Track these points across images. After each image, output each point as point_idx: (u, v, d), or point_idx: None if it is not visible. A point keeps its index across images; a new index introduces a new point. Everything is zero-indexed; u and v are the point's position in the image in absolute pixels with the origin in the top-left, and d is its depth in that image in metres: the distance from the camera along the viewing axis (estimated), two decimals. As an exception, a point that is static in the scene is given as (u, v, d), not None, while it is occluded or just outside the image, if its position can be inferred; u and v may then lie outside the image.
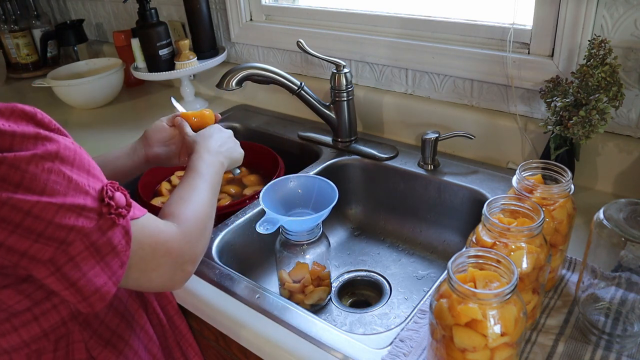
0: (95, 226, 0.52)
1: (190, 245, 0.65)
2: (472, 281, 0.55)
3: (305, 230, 0.84)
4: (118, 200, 0.55)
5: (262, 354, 0.72)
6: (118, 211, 0.54)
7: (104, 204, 0.53)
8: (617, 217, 0.59)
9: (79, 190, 0.51)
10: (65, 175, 0.51)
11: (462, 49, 1.03)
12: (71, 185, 0.51)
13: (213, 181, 0.77)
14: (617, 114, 0.90)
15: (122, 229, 0.55)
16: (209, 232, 0.72)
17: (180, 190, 0.73)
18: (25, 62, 1.90)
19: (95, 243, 0.53)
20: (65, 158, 0.51)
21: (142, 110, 1.55)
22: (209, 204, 0.73)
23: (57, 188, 0.50)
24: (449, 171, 1.04)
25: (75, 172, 0.52)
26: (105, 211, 0.53)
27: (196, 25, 1.40)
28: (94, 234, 0.52)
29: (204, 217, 0.70)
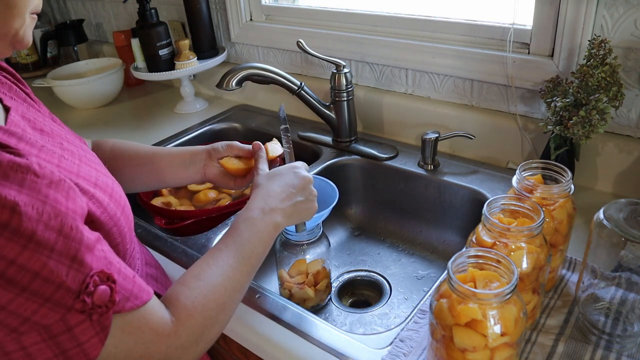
0: (60, 320, 0.46)
1: (182, 350, 0.55)
2: (472, 281, 0.55)
3: (305, 230, 0.84)
4: (99, 296, 0.47)
5: (262, 353, 0.72)
6: (94, 309, 0.47)
7: (78, 299, 0.46)
8: (617, 217, 0.59)
9: (49, 281, 0.44)
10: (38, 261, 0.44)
11: (462, 49, 1.03)
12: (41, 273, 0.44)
13: (253, 254, 0.64)
14: (617, 114, 0.90)
15: (98, 325, 0.48)
16: (218, 328, 0.60)
17: (202, 262, 0.61)
18: (25, 62, 1.90)
19: (56, 337, 0.46)
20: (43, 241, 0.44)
21: (142, 110, 1.55)
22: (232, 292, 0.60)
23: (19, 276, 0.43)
24: (449, 171, 1.04)
25: (54, 258, 0.45)
26: (77, 307, 0.46)
27: (196, 25, 1.40)
28: (55, 328, 0.46)
29: (215, 312, 0.58)
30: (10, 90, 0.61)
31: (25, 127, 0.54)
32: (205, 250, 0.88)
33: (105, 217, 0.55)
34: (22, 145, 0.50)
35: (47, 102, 1.67)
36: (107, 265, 0.50)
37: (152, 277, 0.73)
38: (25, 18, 0.54)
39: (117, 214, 0.57)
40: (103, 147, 0.84)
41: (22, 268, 0.43)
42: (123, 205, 0.60)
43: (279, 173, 0.72)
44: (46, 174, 0.47)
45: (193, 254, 0.87)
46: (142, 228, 0.94)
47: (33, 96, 0.66)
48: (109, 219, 0.55)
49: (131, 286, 0.52)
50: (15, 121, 0.53)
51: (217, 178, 0.80)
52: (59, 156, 0.54)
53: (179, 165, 0.80)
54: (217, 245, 0.64)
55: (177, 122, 1.42)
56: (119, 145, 0.85)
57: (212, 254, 0.62)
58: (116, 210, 0.57)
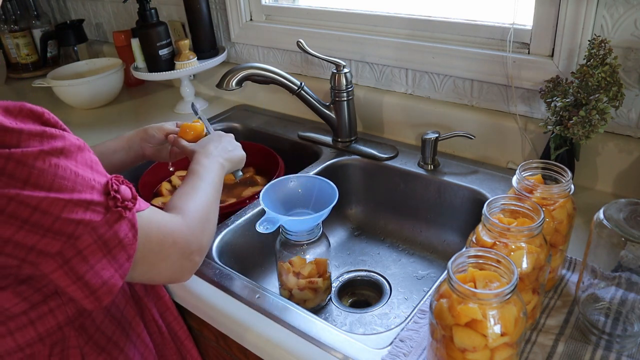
0: (103, 219, 0.53)
1: (195, 236, 0.66)
2: (472, 281, 0.55)
3: (305, 230, 0.84)
4: (124, 194, 0.56)
5: (262, 354, 0.72)
6: (124, 204, 0.55)
7: (110, 197, 0.54)
8: (617, 217, 0.59)
9: (85, 185, 0.52)
10: (72, 171, 0.51)
11: (462, 49, 1.03)
12: (78, 180, 0.52)
13: (213, 181, 0.78)
14: (617, 114, 0.90)
15: (129, 222, 0.56)
16: (212, 224, 0.73)
17: (182, 188, 0.74)
18: (25, 62, 1.90)
19: (102, 236, 0.53)
20: (71, 154, 0.52)
21: (142, 110, 1.55)
22: (212, 200, 0.74)
23: (65, 183, 0.50)
24: (449, 171, 1.04)
25: (80, 168, 0.53)
26: (111, 204, 0.54)
27: (196, 25, 1.40)
28: (101, 228, 0.53)
29: (207, 210, 0.72)
30: None
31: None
32: (205, 250, 0.88)
33: None
34: None
35: (47, 102, 1.69)
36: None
37: None
38: None
39: None
40: None
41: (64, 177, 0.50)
42: None
43: (207, 139, 0.89)
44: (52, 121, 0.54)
45: (193, 254, 0.87)
46: (142, 228, 0.94)
47: None
48: None
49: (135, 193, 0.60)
50: None
51: (155, 155, 0.95)
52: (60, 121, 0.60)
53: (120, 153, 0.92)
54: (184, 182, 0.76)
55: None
56: None
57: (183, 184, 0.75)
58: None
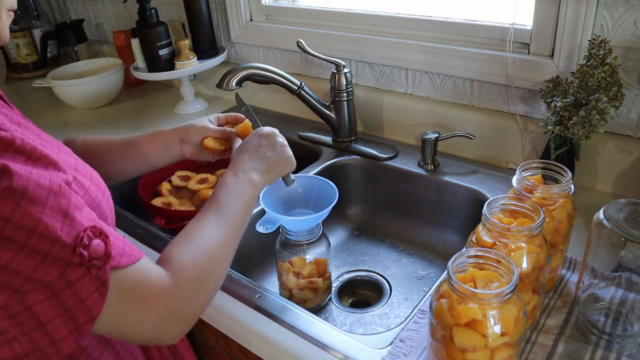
0: (60, 276, 0.47)
1: (184, 302, 0.57)
2: (472, 281, 0.55)
3: (305, 230, 0.84)
4: (94, 250, 0.49)
5: (262, 354, 0.72)
6: (91, 262, 0.49)
7: (75, 253, 0.48)
8: (617, 217, 0.59)
9: (45, 236, 0.46)
10: (32, 218, 0.45)
11: (462, 49, 1.03)
12: (37, 228, 0.46)
13: (234, 213, 0.66)
14: (617, 114, 0.90)
15: (97, 280, 0.49)
16: (214, 281, 0.62)
17: (190, 225, 0.64)
18: (25, 62, 1.90)
19: (58, 294, 0.47)
20: (35, 198, 0.46)
21: (142, 110, 1.55)
22: (220, 246, 0.63)
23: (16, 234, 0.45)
24: (449, 171, 1.04)
25: (47, 214, 0.47)
26: (75, 261, 0.48)
27: (196, 25, 1.40)
28: (57, 284, 0.47)
29: (207, 264, 0.61)
30: None
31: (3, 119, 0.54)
32: (205, 250, 0.88)
33: (87, 199, 0.56)
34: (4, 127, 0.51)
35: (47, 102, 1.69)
36: (97, 222, 0.52)
37: None
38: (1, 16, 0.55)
39: (98, 196, 0.59)
40: (74, 145, 0.85)
41: (18, 225, 0.45)
42: (103, 189, 0.62)
43: (245, 142, 0.76)
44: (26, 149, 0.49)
45: (193, 254, 0.87)
46: (142, 228, 0.94)
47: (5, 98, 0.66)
48: (90, 201, 0.57)
49: (123, 245, 0.53)
50: None
51: (195, 156, 0.86)
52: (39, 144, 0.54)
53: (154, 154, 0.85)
54: (200, 211, 0.67)
55: (177, 122, 1.40)
56: (90, 141, 0.87)
57: (196, 218, 0.65)
58: (97, 193, 0.59)
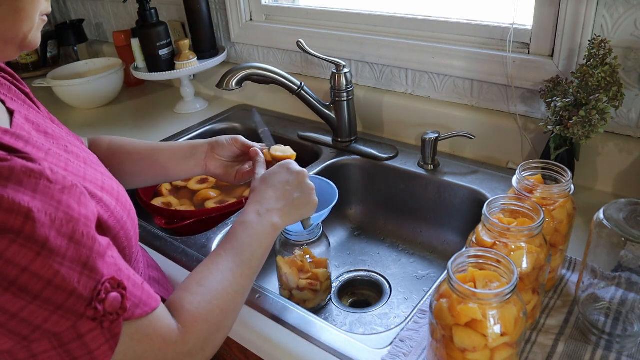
0: (71, 327, 0.45)
1: (190, 356, 0.55)
2: (472, 281, 0.55)
3: (305, 231, 0.84)
4: (110, 304, 0.47)
5: (262, 354, 0.72)
6: (105, 316, 0.47)
7: (90, 307, 0.46)
8: (617, 217, 0.59)
9: (61, 288, 0.44)
10: (51, 269, 0.43)
11: (462, 49, 1.03)
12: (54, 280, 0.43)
13: (253, 258, 0.63)
14: (617, 114, 0.90)
15: (108, 332, 0.47)
16: (224, 332, 0.60)
17: (204, 268, 0.61)
18: (25, 62, 1.90)
19: (66, 345, 0.46)
20: (57, 249, 0.43)
21: (142, 110, 1.55)
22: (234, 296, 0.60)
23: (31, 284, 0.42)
24: (449, 171, 1.04)
25: (66, 265, 0.44)
26: (89, 314, 0.46)
27: (196, 25, 1.40)
28: (66, 336, 0.45)
29: (219, 317, 0.58)
30: (10, 92, 0.60)
31: (30, 130, 0.54)
32: (205, 250, 0.88)
33: (112, 221, 0.54)
34: (30, 149, 0.49)
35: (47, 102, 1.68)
36: (117, 272, 0.49)
37: (154, 280, 0.72)
38: (34, 21, 0.52)
39: (123, 217, 0.57)
40: (100, 145, 0.84)
41: (35, 275, 0.42)
42: (129, 208, 0.60)
43: (272, 173, 0.72)
44: (59, 180, 0.46)
45: (193, 254, 0.87)
46: (142, 228, 0.94)
47: (32, 96, 0.65)
48: (116, 223, 0.55)
49: (140, 293, 0.51)
50: (20, 124, 0.52)
51: (217, 171, 0.81)
52: (65, 160, 0.54)
53: (179, 158, 0.81)
54: (216, 250, 0.63)
55: (177, 122, 1.42)
56: (116, 142, 0.85)
57: (212, 260, 0.62)
58: (122, 214, 0.57)
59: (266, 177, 0.71)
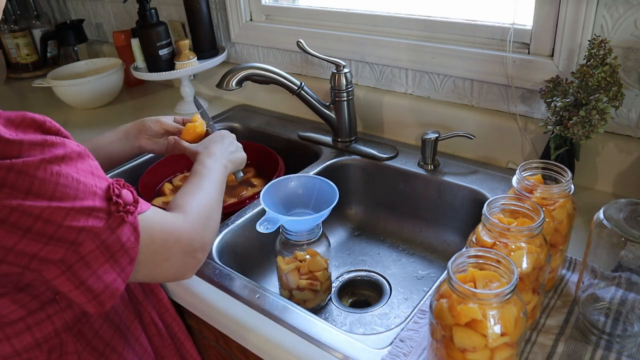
0: (105, 225, 0.53)
1: (198, 233, 0.67)
2: (472, 281, 0.55)
3: (306, 230, 0.84)
4: (125, 198, 0.56)
5: (262, 354, 0.72)
6: (126, 208, 0.56)
7: (112, 202, 0.54)
8: (617, 217, 0.59)
9: (87, 192, 0.52)
10: (74, 178, 0.52)
11: (462, 49, 1.03)
12: (80, 187, 0.52)
13: (217, 181, 0.79)
14: (617, 114, 0.90)
15: (131, 225, 0.56)
16: (215, 222, 0.74)
17: (185, 187, 0.75)
18: (25, 62, 1.90)
19: (105, 242, 0.54)
20: (72, 162, 0.52)
21: (142, 110, 1.55)
22: (214, 199, 0.76)
23: (66, 191, 0.50)
24: (449, 171, 1.04)
25: (82, 174, 0.53)
26: (113, 209, 0.54)
27: (196, 25, 1.40)
28: (103, 233, 0.53)
29: (209, 208, 0.73)
30: None
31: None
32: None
33: None
34: None
35: (47, 102, 1.69)
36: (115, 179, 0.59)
37: None
38: None
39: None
40: None
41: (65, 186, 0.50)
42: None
43: (212, 139, 0.90)
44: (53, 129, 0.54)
45: (193, 254, 0.87)
46: (142, 228, 0.94)
47: None
48: None
49: (137, 196, 0.60)
50: None
51: (150, 147, 0.96)
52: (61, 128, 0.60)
53: (117, 143, 0.93)
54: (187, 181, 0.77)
55: (177, 122, 1.42)
56: None
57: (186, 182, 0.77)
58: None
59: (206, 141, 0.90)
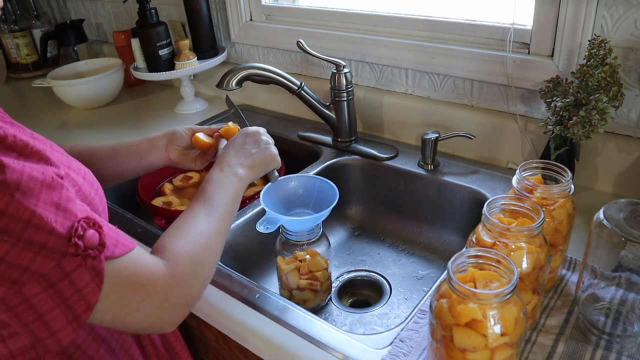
0: (56, 267, 0.48)
1: (180, 288, 0.59)
2: (472, 281, 0.55)
3: (306, 230, 0.84)
4: (89, 240, 0.50)
5: (262, 354, 0.72)
6: (87, 252, 0.50)
7: (70, 243, 0.49)
8: (617, 217, 0.59)
9: (40, 228, 0.47)
10: (26, 209, 0.46)
11: (462, 49, 1.03)
12: (32, 220, 0.47)
13: (223, 204, 0.69)
14: (617, 114, 0.90)
15: (92, 270, 0.50)
16: (208, 268, 0.64)
17: (181, 218, 0.67)
18: (25, 62, 1.90)
19: (55, 285, 0.48)
20: (28, 190, 0.47)
21: (142, 110, 1.55)
22: (213, 234, 0.66)
23: (12, 225, 0.45)
24: (449, 171, 1.04)
25: (40, 206, 0.47)
26: (71, 251, 0.49)
27: (196, 25, 1.40)
28: (53, 275, 0.48)
29: (202, 250, 0.63)
30: None
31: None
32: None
33: (80, 195, 0.57)
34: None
35: (47, 102, 1.69)
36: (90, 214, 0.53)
37: None
38: None
39: (91, 193, 0.60)
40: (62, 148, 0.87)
41: (14, 218, 0.46)
42: (96, 187, 0.63)
43: (230, 140, 0.81)
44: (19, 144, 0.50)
45: (193, 254, 0.87)
46: (142, 228, 0.94)
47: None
48: (83, 198, 0.57)
49: (116, 235, 0.55)
50: None
51: (179, 159, 0.87)
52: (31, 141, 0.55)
53: (140, 154, 0.86)
54: (189, 205, 0.70)
55: (177, 122, 1.42)
56: (77, 147, 0.87)
57: (187, 211, 0.68)
58: (90, 190, 0.60)
59: (226, 145, 0.80)
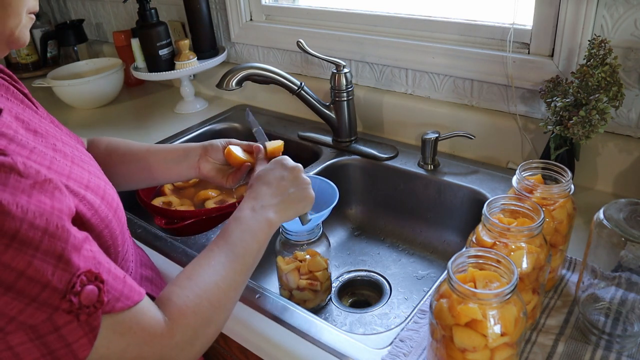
0: (47, 320, 0.45)
1: (178, 350, 0.54)
2: (472, 281, 0.55)
3: (306, 230, 0.84)
4: (86, 296, 0.47)
5: (262, 354, 0.72)
6: (81, 309, 0.47)
7: (65, 299, 0.46)
8: (617, 217, 0.59)
9: (34, 280, 0.44)
10: (22, 260, 0.43)
11: (462, 49, 1.03)
12: (26, 271, 0.44)
13: (246, 252, 0.62)
14: (617, 114, 0.90)
15: (86, 325, 0.47)
16: (215, 327, 0.59)
17: (195, 262, 0.61)
18: (25, 62, 1.90)
19: (43, 337, 0.46)
20: (28, 240, 0.44)
21: (142, 110, 1.55)
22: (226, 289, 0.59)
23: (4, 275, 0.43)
24: (449, 171, 1.04)
25: (38, 257, 0.44)
26: (64, 307, 0.46)
27: (196, 25, 1.40)
28: (42, 328, 0.45)
29: (209, 311, 0.57)
30: (7, 92, 0.61)
31: (18, 128, 0.54)
32: (205, 250, 0.88)
33: (96, 219, 0.55)
34: (12, 147, 0.49)
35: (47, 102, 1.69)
36: (95, 265, 0.49)
37: (146, 279, 0.72)
38: (21, 17, 0.53)
39: (108, 216, 0.57)
40: (98, 145, 0.85)
41: (6, 267, 0.43)
42: (115, 207, 0.60)
43: (267, 170, 0.71)
44: (31, 174, 0.47)
45: (193, 254, 0.87)
46: (142, 228, 0.94)
47: (31, 97, 0.66)
48: (99, 221, 0.55)
49: (121, 286, 0.51)
50: (7, 123, 0.53)
51: (211, 174, 0.81)
52: (50, 158, 0.54)
53: (172, 161, 0.81)
54: (209, 245, 0.63)
55: (177, 122, 1.42)
56: (114, 143, 0.86)
57: (204, 255, 0.62)
58: (108, 213, 0.57)
59: (261, 174, 0.71)
